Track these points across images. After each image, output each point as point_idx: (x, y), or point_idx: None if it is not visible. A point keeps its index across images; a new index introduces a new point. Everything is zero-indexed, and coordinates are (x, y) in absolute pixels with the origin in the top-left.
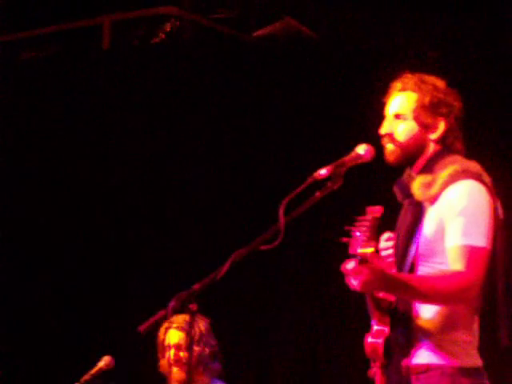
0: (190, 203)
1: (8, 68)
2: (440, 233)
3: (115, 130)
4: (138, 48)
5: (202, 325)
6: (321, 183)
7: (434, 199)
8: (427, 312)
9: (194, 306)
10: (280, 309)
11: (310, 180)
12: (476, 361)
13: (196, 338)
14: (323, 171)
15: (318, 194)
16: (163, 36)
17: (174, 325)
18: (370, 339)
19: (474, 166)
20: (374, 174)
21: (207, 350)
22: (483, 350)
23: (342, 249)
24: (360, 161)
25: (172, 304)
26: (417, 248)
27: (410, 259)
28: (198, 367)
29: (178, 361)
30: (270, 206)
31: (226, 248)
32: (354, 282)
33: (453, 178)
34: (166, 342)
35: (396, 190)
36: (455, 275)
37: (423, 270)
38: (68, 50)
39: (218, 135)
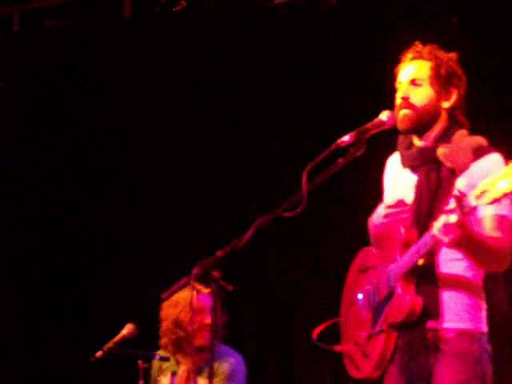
0: (212, 169)
1: (30, 36)
2: None
3: (136, 97)
4: (159, 15)
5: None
6: (344, 150)
7: (464, 168)
8: (455, 279)
9: (216, 273)
10: (302, 278)
11: (333, 146)
12: (487, 327)
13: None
14: (346, 137)
15: (340, 160)
16: (184, 3)
17: (205, 290)
18: (408, 298)
19: (484, 140)
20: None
21: (223, 317)
22: None
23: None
24: (382, 127)
25: (195, 271)
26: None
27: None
28: (215, 334)
29: (210, 325)
30: (294, 172)
31: (249, 215)
32: (445, 238)
33: (480, 151)
34: (201, 305)
35: (410, 155)
36: (499, 240)
37: None
38: (89, 17)
39: (241, 101)
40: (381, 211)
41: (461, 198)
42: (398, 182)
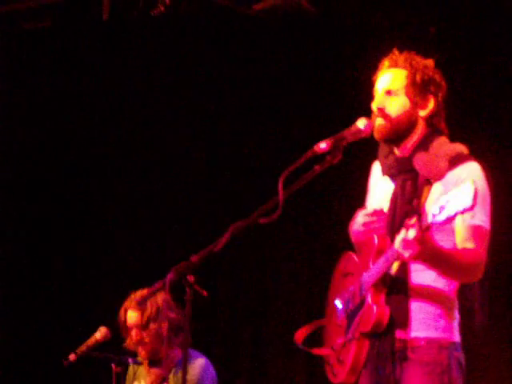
0: (188, 175)
1: (8, 39)
2: None
3: (113, 101)
4: (136, 19)
5: (159, 299)
6: (320, 157)
7: (439, 177)
8: (426, 288)
9: (191, 278)
10: (277, 282)
11: (309, 153)
12: (459, 336)
13: (152, 315)
14: (323, 145)
15: (317, 167)
16: (162, 8)
17: (131, 305)
18: (375, 308)
19: (464, 148)
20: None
21: (166, 325)
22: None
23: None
24: (360, 135)
25: (169, 276)
26: None
27: None
28: (161, 343)
29: (140, 341)
30: (269, 179)
31: (224, 221)
32: (405, 253)
33: (457, 159)
34: (128, 323)
35: (388, 164)
36: (470, 252)
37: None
38: (67, 21)
39: (217, 108)
40: (359, 219)
41: (420, 214)
42: (377, 189)
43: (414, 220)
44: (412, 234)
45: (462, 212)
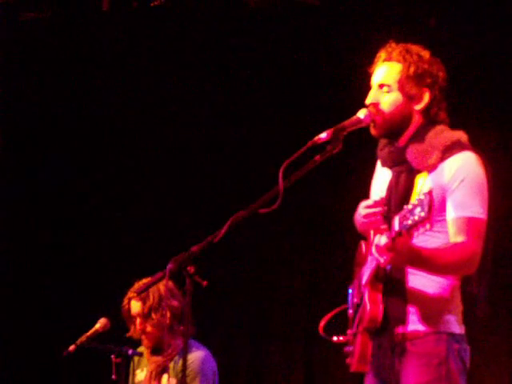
0: (189, 166)
1: (7, 29)
2: (439, 203)
3: (113, 92)
4: (137, 9)
5: (161, 287)
6: (321, 147)
7: (432, 168)
8: (422, 282)
9: (191, 269)
10: (278, 273)
11: (309, 143)
12: (462, 328)
13: (154, 304)
14: (323, 135)
15: (317, 157)
16: None
17: (135, 295)
18: (368, 306)
19: (462, 135)
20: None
21: (169, 314)
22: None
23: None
24: (360, 125)
25: (169, 266)
26: None
27: None
28: (163, 332)
29: (143, 330)
30: (270, 169)
31: (224, 211)
32: (380, 258)
33: (451, 149)
34: (131, 313)
35: (383, 156)
36: (460, 246)
37: (419, 237)
38: (67, 11)
39: (218, 97)
40: (361, 210)
41: (391, 221)
42: (378, 179)
43: (384, 226)
44: (383, 240)
45: (420, 222)
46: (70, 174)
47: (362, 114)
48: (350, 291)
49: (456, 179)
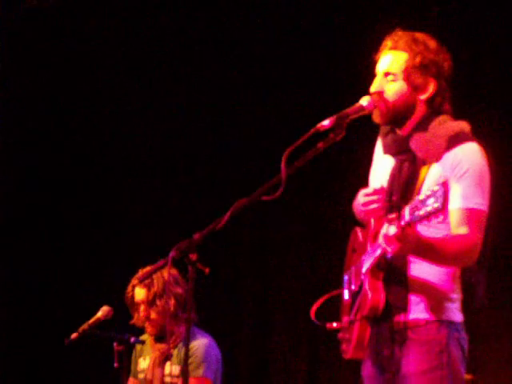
0: (192, 152)
1: (10, 17)
2: None
3: (117, 82)
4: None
5: (165, 274)
6: (324, 134)
7: (436, 158)
8: (424, 271)
9: (193, 256)
10: (280, 260)
11: (312, 130)
12: (462, 316)
13: (158, 291)
14: (326, 122)
15: (320, 145)
16: None
17: (138, 282)
18: (369, 294)
19: (466, 125)
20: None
21: (173, 301)
22: None
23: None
24: (363, 113)
25: (172, 254)
26: None
27: None
28: (167, 319)
29: (147, 317)
30: (273, 156)
31: (227, 198)
32: (388, 248)
33: (455, 140)
34: (135, 300)
35: (386, 143)
36: (462, 238)
37: (420, 227)
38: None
39: (220, 85)
40: (360, 199)
41: (401, 210)
42: (379, 166)
43: (393, 215)
44: (392, 230)
45: (433, 213)
46: (72, 164)
47: (364, 101)
48: (346, 277)
49: (460, 170)
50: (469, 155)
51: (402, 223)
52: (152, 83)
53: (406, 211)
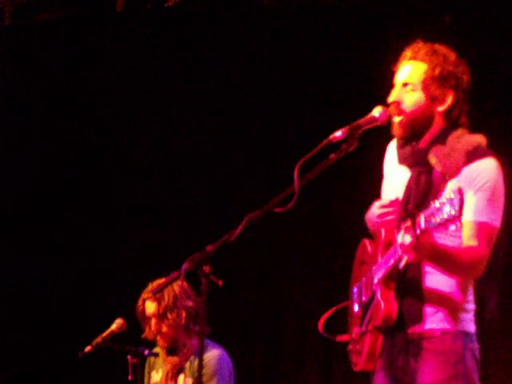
0: (204, 164)
1: (23, 30)
2: None
3: (126, 92)
4: (150, 11)
5: (176, 287)
6: (336, 146)
7: (454, 172)
8: (438, 282)
9: (207, 268)
10: (293, 273)
11: (325, 142)
12: (475, 327)
13: (169, 304)
14: (338, 133)
15: (332, 156)
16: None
17: (149, 295)
18: (382, 304)
19: (483, 139)
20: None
21: (184, 314)
22: None
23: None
24: (375, 124)
25: (185, 266)
26: None
27: None
28: (179, 333)
29: (158, 331)
30: (286, 167)
31: (240, 210)
32: (404, 256)
33: (473, 155)
34: (146, 313)
35: (404, 154)
36: (472, 249)
37: (437, 236)
38: (82, 12)
39: (232, 97)
40: (375, 210)
41: (415, 218)
42: (393, 177)
43: (408, 223)
44: (407, 239)
45: (449, 221)
46: (81, 173)
47: (376, 112)
48: (355, 289)
49: (476, 184)
50: (486, 170)
51: (418, 231)
52: (156, 87)
53: (422, 219)
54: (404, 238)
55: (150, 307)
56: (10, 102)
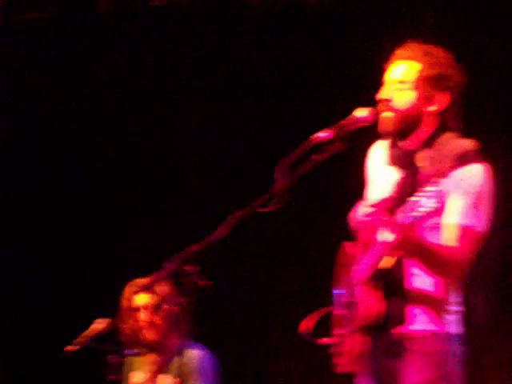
0: (191, 165)
1: (9, 29)
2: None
3: (111, 92)
4: (135, 10)
5: (166, 284)
6: (321, 146)
7: (442, 176)
8: (423, 283)
9: (190, 268)
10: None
11: (308, 143)
12: (462, 328)
13: (165, 297)
14: (322, 134)
15: (315, 157)
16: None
17: (139, 289)
18: (362, 304)
19: (473, 144)
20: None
21: (175, 310)
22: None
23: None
24: (360, 124)
25: (169, 265)
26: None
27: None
28: (169, 327)
29: (150, 323)
30: (270, 168)
31: (224, 210)
32: (388, 255)
33: (462, 160)
34: (135, 305)
35: (394, 155)
36: (451, 249)
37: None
38: (65, 11)
39: (219, 98)
40: (361, 209)
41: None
42: (381, 178)
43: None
44: (389, 235)
45: (430, 213)
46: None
47: (358, 113)
48: (337, 292)
49: (463, 188)
50: (474, 176)
51: (399, 227)
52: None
53: (401, 214)
54: (386, 235)
55: (142, 298)
56: (5, 101)
